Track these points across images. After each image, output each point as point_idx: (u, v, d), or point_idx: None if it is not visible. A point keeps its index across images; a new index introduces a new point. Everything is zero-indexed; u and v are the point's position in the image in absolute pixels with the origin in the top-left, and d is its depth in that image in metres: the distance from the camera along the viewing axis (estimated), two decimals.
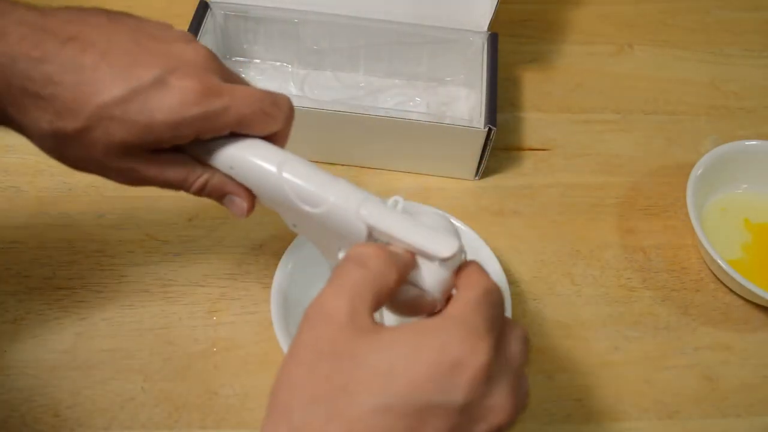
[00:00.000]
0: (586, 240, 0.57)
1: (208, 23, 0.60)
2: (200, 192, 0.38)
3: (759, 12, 0.77)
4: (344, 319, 0.29)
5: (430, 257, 0.32)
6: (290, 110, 0.38)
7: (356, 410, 0.27)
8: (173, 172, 0.37)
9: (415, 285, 0.33)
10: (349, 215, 0.34)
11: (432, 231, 0.33)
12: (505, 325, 0.32)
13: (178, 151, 0.37)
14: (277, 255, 0.49)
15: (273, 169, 0.36)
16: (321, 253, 0.39)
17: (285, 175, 0.35)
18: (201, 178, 0.37)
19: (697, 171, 0.56)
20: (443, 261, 0.32)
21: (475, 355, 0.28)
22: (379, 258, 0.31)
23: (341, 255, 0.36)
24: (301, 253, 0.48)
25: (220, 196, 0.38)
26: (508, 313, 0.47)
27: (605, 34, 0.73)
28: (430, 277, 0.33)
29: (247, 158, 0.36)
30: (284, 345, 0.44)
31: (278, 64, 0.65)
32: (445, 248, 0.32)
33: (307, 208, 0.35)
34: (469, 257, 0.34)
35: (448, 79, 0.64)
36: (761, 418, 0.49)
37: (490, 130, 0.55)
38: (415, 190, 0.59)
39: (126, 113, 0.33)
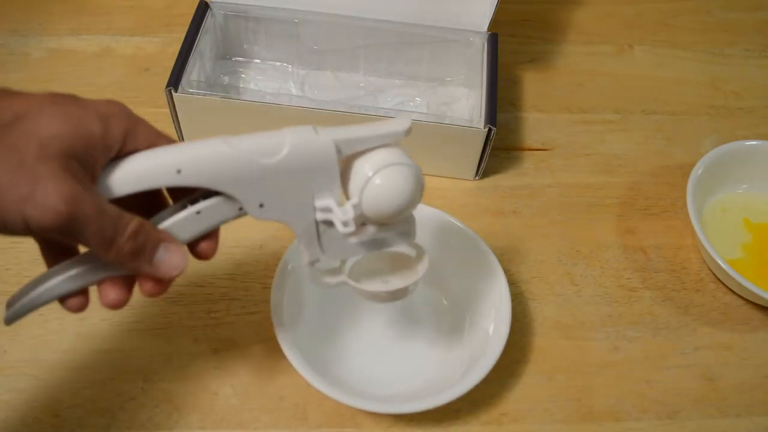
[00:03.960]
0: (586, 240, 0.57)
1: (208, 23, 0.60)
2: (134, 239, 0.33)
3: (759, 12, 0.77)
4: None
5: (400, 134, 0.37)
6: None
7: None
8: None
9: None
10: (312, 141, 0.34)
11: (379, 122, 0.37)
12: None
13: None
14: (277, 255, 0.49)
15: (224, 146, 0.33)
16: (294, 229, 0.37)
17: (235, 142, 0.34)
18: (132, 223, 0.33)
19: (697, 171, 0.56)
20: (407, 131, 0.37)
21: None
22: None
23: (318, 203, 0.36)
24: None
25: (154, 244, 0.34)
26: (507, 313, 0.47)
27: (605, 34, 0.73)
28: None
29: (193, 153, 0.33)
30: (284, 345, 0.44)
31: (278, 64, 0.65)
32: (401, 123, 0.37)
33: (270, 159, 0.34)
34: (469, 257, 0.35)
35: (448, 79, 0.64)
36: (761, 418, 0.49)
37: (490, 130, 0.55)
38: None
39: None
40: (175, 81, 0.55)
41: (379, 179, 0.36)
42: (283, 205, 0.36)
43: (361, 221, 0.38)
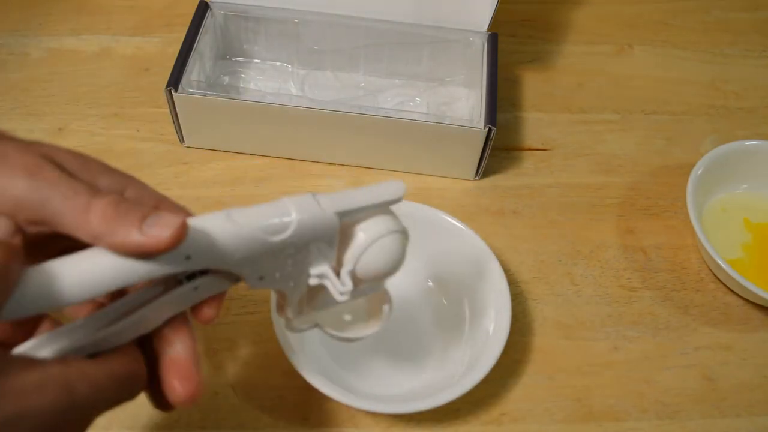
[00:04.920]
0: (586, 240, 0.57)
1: (208, 23, 0.60)
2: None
3: (759, 12, 0.77)
4: None
5: (397, 201, 0.37)
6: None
7: None
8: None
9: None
10: (318, 215, 0.34)
11: (376, 186, 0.37)
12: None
13: None
14: None
15: (230, 224, 0.32)
16: (288, 293, 0.37)
17: (240, 219, 0.32)
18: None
19: (697, 171, 0.56)
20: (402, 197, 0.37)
21: None
22: (4, 248, 0.26)
23: (314, 270, 0.36)
24: None
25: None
26: (507, 313, 0.47)
27: (605, 34, 0.73)
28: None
29: (202, 237, 0.31)
30: (284, 345, 0.44)
31: (278, 64, 0.65)
32: (397, 189, 0.37)
33: (277, 237, 0.33)
34: (469, 257, 0.35)
35: (448, 79, 0.64)
36: (761, 418, 0.49)
37: (490, 130, 0.55)
38: (415, 190, 0.59)
39: None
40: (175, 81, 0.55)
41: (375, 248, 0.37)
42: (282, 276, 0.36)
43: None
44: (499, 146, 0.62)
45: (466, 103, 0.63)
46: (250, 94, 0.61)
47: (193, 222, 0.31)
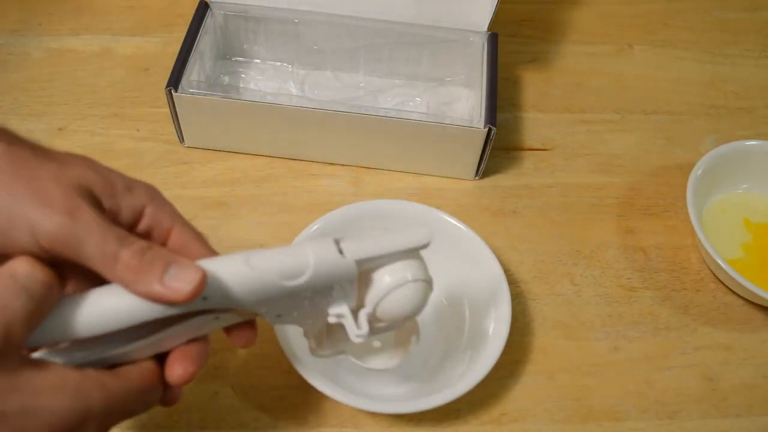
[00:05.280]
0: (586, 240, 0.57)
1: (208, 23, 0.60)
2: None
3: (759, 12, 0.77)
4: None
5: (422, 248, 0.37)
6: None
7: None
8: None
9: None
10: (335, 261, 0.35)
11: (401, 232, 0.37)
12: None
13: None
14: None
15: (247, 270, 0.33)
16: (307, 329, 0.38)
17: (258, 264, 0.33)
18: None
19: (697, 171, 0.56)
20: (428, 245, 0.37)
21: None
22: (42, 284, 0.29)
23: (332, 310, 0.36)
24: None
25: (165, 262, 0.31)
26: (507, 313, 0.47)
27: (605, 34, 0.73)
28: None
29: (218, 281, 0.32)
30: (284, 345, 0.44)
31: (278, 64, 0.65)
32: (423, 236, 0.37)
33: (293, 282, 0.34)
34: (469, 257, 0.35)
35: (448, 79, 0.64)
36: (761, 418, 0.49)
37: (490, 130, 0.55)
38: (415, 190, 0.59)
39: None
40: (175, 81, 0.55)
41: (396, 294, 0.37)
42: (300, 314, 0.36)
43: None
44: (499, 146, 0.62)
45: (466, 103, 0.63)
46: (250, 94, 0.61)
47: (213, 267, 0.32)
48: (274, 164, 0.59)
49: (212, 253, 0.35)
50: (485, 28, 0.61)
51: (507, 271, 0.52)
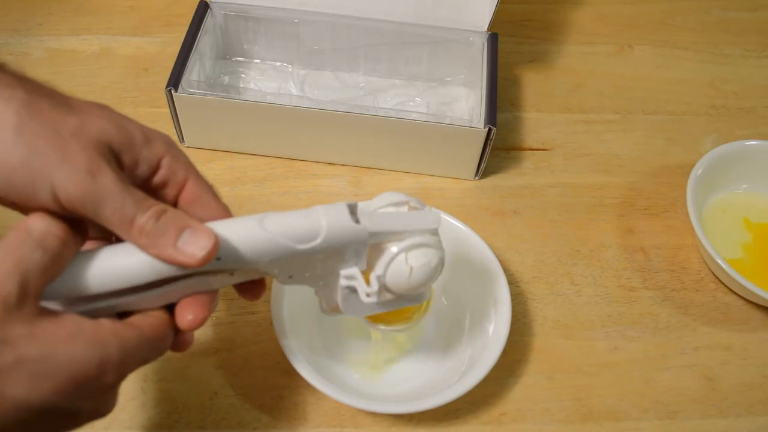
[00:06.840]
0: (586, 240, 0.57)
1: (208, 23, 0.60)
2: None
3: (759, 12, 0.77)
4: (12, 302, 0.28)
5: (431, 231, 0.38)
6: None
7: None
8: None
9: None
10: (348, 227, 0.35)
11: (414, 213, 0.38)
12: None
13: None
14: None
15: (261, 231, 0.34)
16: (318, 289, 0.39)
17: (271, 226, 0.34)
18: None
19: (697, 171, 0.56)
20: (435, 230, 0.38)
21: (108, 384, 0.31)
22: (57, 239, 0.31)
23: (343, 271, 0.37)
24: None
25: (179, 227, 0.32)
26: (507, 313, 0.47)
27: (605, 34, 0.73)
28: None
29: (232, 242, 0.33)
30: (284, 345, 0.44)
31: (278, 64, 0.65)
32: (433, 220, 0.38)
33: (305, 245, 0.35)
34: (469, 257, 0.35)
35: (448, 79, 0.64)
36: (761, 418, 0.49)
37: (490, 130, 0.55)
38: (415, 190, 0.59)
39: None
40: (175, 81, 0.55)
41: (404, 258, 0.37)
42: (311, 275, 0.37)
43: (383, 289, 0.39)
44: (499, 146, 0.62)
45: (466, 103, 0.63)
46: (250, 94, 0.61)
47: (227, 229, 0.33)
48: (274, 164, 0.59)
49: (223, 205, 0.36)
50: (485, 28, 0.61)
51: (507, 271, 0.52)
